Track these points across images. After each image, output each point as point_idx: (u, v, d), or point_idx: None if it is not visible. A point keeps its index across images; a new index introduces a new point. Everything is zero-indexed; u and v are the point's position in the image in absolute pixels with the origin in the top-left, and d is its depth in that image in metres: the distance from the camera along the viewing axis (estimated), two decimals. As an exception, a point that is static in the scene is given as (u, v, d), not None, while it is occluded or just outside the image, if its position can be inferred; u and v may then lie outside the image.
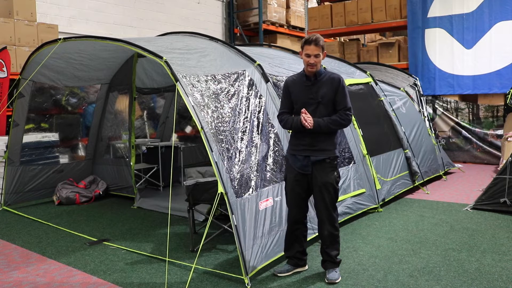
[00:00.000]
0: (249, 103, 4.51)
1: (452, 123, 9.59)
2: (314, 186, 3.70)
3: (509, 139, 7.94)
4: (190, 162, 8.47)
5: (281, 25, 13.85)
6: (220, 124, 4.08)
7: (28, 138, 6.72)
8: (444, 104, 9.70)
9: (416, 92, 8.82)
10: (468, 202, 6.12)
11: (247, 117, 4.38)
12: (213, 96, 4.25)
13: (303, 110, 3.61)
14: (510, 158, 5.65)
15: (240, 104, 4.42)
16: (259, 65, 5.01)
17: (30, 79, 6.33)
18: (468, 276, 3.78)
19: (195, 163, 8.44)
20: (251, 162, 4.18)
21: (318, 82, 3.72)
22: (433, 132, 8.81)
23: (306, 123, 3.56)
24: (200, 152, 9.02)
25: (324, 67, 6.19)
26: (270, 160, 4.37)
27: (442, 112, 9.69)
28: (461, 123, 9.48)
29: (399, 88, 7.99)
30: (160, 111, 8.76)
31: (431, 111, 9.71)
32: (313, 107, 3.66)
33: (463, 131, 9.46)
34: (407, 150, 6.89)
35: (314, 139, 3.67)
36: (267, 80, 4.91)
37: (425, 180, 7.16)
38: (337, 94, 3.68)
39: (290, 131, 3.98)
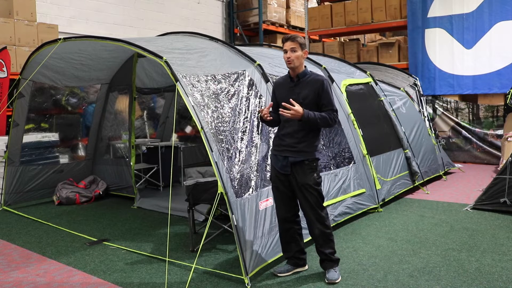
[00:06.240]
0: (249, 103, 4.51)
1: (452, 123, 9.59)
2: (295, 187, 3.71)
3: (509, 139, 7.93)
4: (190, 162, 8.47)
5: (281, 25, 13.84)
6: (220, 124, 4.08)
7: (28, 138, 6.72)
8: (444, 104, 9.69)
9: (416, 92, 8.82)
10: (468, 202, 6.12)
11: (247, 117, 4.38)
12: (213, 96, 4.25)
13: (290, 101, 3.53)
14: (510, 158, 5.65)
15: (240, 104, 4.42)
16: (259, 65, 5.01)
17: (30, 79, 6.33)
18: (468, 276, 3.78)
19: (195, 163, 8.44)
20: (251, 162, 4.18)
21: (301, 83, 3.71)
22: (433, 132, 8.80)
23: (289, 109, 3.47)
24: (200, 152, 9.02)
25: (324, 67, 6.26)
26: (270, 160, 4.37)
27: (442, 112, 9.69)
28: (461, 123, 9.48)
29: (399, 88, 7.99)
30: (160, 111, 8.76)
31: (431, 111, 9.71)
32: None
33: (463, 131, 9.45)
34: (407, 150, 6.88)
35: (294, 140, 3.65)
36: (267, 80, 4.90)
37: (425, 180, 7.16)
38: (321, 97, 3.65)
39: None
